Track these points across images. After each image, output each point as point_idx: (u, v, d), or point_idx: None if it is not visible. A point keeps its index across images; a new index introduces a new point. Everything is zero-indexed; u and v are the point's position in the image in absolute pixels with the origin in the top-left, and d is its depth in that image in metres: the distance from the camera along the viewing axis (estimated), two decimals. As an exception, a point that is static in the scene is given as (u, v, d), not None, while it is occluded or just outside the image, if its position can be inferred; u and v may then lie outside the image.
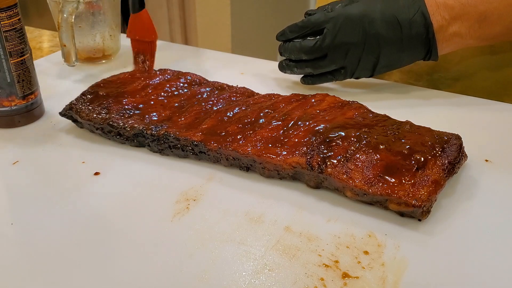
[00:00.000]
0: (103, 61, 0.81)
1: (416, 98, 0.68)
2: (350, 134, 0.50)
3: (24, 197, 0.50)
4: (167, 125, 0.56)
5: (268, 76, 0.75)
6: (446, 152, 0.48)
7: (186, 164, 0.55)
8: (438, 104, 0.66)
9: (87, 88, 0.63)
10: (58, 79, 0.76)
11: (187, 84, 0.65)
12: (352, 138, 0.50)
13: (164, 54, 0.85)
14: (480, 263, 0.41)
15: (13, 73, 0.59)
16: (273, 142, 0.51)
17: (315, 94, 0.59)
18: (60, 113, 0.61)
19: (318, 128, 0.52)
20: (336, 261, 0.41)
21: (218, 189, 0.51)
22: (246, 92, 0.63)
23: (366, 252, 0.42)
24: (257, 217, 0.47)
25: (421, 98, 0.68)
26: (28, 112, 0.62)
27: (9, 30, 0.57)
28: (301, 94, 0.60)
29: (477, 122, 0.61)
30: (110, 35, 0.80)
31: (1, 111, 0.61)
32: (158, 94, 0.62)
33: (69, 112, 0.60)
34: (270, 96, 0.61)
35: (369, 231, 0.45)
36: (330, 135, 0.50)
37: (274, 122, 0.54)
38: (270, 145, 0.51)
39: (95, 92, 0.62)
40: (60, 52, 0.77)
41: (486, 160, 0.54)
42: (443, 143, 0.49)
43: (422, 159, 0.47)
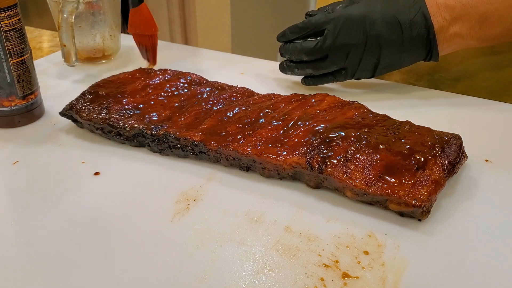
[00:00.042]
0: (103, 61, 0.81)
1: (416, 98, 0.68)
2: (350, 134, 0.50)
3: (24, 197, 0.50)
4: (167, 125, 0.56)
5: (268, 76, 0.75)
6: (446, 152, 0.48)
7: (186, 164, 0.55)
8: (438, 104, 0.66)
9: (87, 88, 0.63)
10: (58, 79, 0.76)
11: (187, 84, 0.65)
12: (352, 138, 0.50)
13: (164, 54, 0.85)
14: (480, 263, 0.41)
15: (13, 73, 0.59)
16: (273, 142, 0.51)
17: (315, 94, 0.59)
18: (60, 113, 0.61)
19: (318, 128, 0.52)
20: (336, 261, 0.41)
21: (218, 189, 0.51)
22: (246, 92, 0.63)
23: (366, 252, 0.42)
24: (257, 217, 0.47)
25: (421, 98, 0.68)
26: (28, 112, 0.62)
27: (9, 30, 0.57)
28: (301, 94, 0.60)
29: (477, 122, 0.61)
30: (110, 35, 0.80)
31: (1, 111, 0.61)
32: (158, 94, 0.62)
33: (69, 112, 0.60)
34: (270, 96, 0.61)
35: (369, 231, 0.45)
36: (330, 135, 0.50)
37: (274, 122, 0.54)
38: (270, 145, 0.51)
39: (95, 92, 0.62)
40: (60, 52, 0.77)
41: (486, 160, 0.54)
42: (443, 143, 0.49)
43: (422, 159, 0.47)
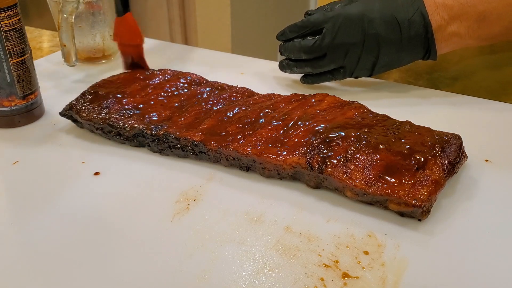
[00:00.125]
0: (103, 61, 0.81)
1: (416, 98, 0.68)
2: (350, 134, 0.50)
3: (24, 197, 0.50)
4: (167, 125, 0.56)
5: (268, 76, 0.75)
6: (446, 152, 0.48)
7: (186, 164, 0.55)
8: (438, 104, 0.66)
9: (87, 88, 0.63)
10: (58, 79, 0.76)
11: (187, 84, 0.65)
12: (352, 138, 0.50)
13: (164, 54, 0.85)
14: (480, 263, 0.41)
15: (13, 73, 0.59)
16: (273, 142, 0.51)
17: (315, 94, 0.59)
18: (60, 113, 0.61)
19: (318, 128, 0.52)
20: (336, 261, 0.41)
21: (218, 189, 0.51)
22: (246, 92, 0.63)
23: (366, 252, 0.42)
24: (257, 217, 0.47)
25: (421, 98, 0.68)
26: (28, 112, 0.62)
27: (9, 30, 0.57)
28: (301, 94, 0.60)
29: (477, 122, 0.61)
30: (110, 35, 0.80)
31: (1, 111, 0.61)
32: (158, 94, 0.62)
33: (69, 112, 0.60)
34: (270, 96, 0.61)
35: (369, 231, 0.45)
36: (330, 135, 0.50)
37: (274, 122, 0.54)
38: (270, 145, 0.51)
39: (95, 92, 0.62)
40: (60, 52, 0.77)
41: (486, 160, 0.54)
42: (443, 143, 0.49)
43: (422, 159, 0.47)
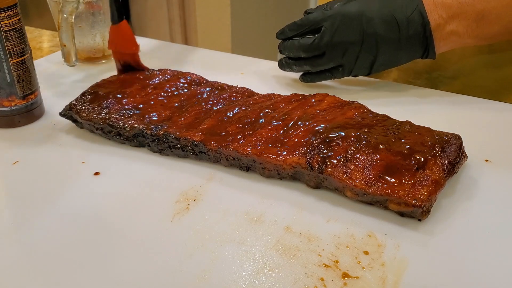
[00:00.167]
0: (103, 61, 0.81)
1: (416, 98, 0.68)
2: (350, 134, 0.50)
3: (24, 197, 0.50)
4: (167, 125, 0.56)
5: (268, 76, 0.75)
6: (446, 152, 0.48)
7: (186, 164, 0.55)
8: (438, 104, 0.66)
9: (87, 88, 0.63)
10: (58, 79, 0.76)
11: (187, 84, 0.65)
12: (352, 138, 0.50)
13: (164, 54, 0.85)
14: (480, 263, 0.41)
15: (13, 73, 0.59)
16: (273, 142, 0.51)
17: (315, 94, 0.59)
18: (60, 114, 0.61)
19: (318, 128, 0.52)
20: (336, 261, 0.41)
21: (218, 189, 0.51)
22: (246, 92, 0.63)
23: (366, 252, 0.42)
24: (257, 217, 0.47)
25: (421, 98, 0.68)
26: (28, 112, 0.62)
27: (9, 30, 0.57)
28: (301, 94, 0.60)
29: (477, 122, 0.61)
30: (110, 35, 0.80)
31: (1, 111, 0.61)
32: (158, 94, 0.62)
33: (69, 112, 0.60)
34: (270, 96, 0.61)
35: (369, 231, 0.45)
36: (330, 135, 0.50)
37: (274, 122, 0.54)
38: (270, 145, 0.51)
39: (95, 92, 0.62)
40: (60, 52, 0.77)
41: (486, 160, 0.54)
42: (443, 143, 0.49)
43: (422, 159, 0.47)
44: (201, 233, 0.45)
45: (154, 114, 0.58)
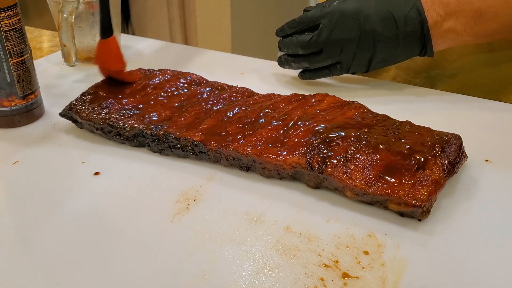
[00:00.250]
0: (103, 61, 0.81)
1: (416, 98, 0.68)
2: (350, 134, 0.50)
3: (24, 197, 0.50)
4: (167, 125, 0.56)
5: (268, 76, 0.75)
6: (446, 152, 0.48)
7: (186, 164, 0.55)
8: (438, 104, 0.66)
9: (87, 89, 0.63)
10: (58, 79, 0.76)
11: (187, 84, 0.65)
12: (352, 138, 0.50)
13: (164, 54, 0.85)
14: (480, 263, 0.41)
15: (13, 73, 0.59)
16: (273, 142, 0.51)
17: (315, 94, 0.59)
18: (60, 114, 0.61)
19: (318, 128, 0.52)
20: (336, 261, 0.41)
21: (218, 189, 0.51)
22: (246, 92, 0.63)
23: (366, 252, 0.42)
24: (257, 217, 0.47)
25: (421, 98, 0.68)
26: (28, 112, 0.62)
27: (9, 30, 0.57)
28: (301, 94, 0.60)
29: (477, 122, 0.61)
30: (110, 35, 0.80)
31: (1, 111, 0.61)
32: (158, 94, 0.62)
33: (69, 113, 0.60)
34: (270, 96, 0.61)
35: (369, 231, 0.45)
36: (330, 135, 0.50)
37: (274, 122, 0.54)
38: (270, 145, 0.51)
39: (95, 93, 0.62)
40: (60, 52, 0.77)
41: (486, 160, 0.54)
42: (443, 143, 0.49)
43: (422, 159, 0.47)
44: (201, 233, 0.45)
45: (154, 114, 0.58)
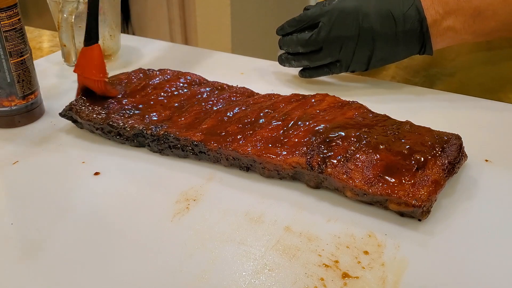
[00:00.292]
0: (103, 61, 0.81)
1: (416, 98, 0.68)
2: (350, 134, 0.50)
3: (24, 197, 0.50)
4: (167, 125, 0.56)
5: (268, 76, 0.75)
6: (446, 152, 0.48)
7: (186, 164, 0.55)
8: (438, 104, 0.66)
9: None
10: (58, 79, 0.76)
11: (187, 84, 0.65)
12: (352, 138, 0.50)
13: (164, 54, 0.85)
14: (480, 263, 0.41)
15: (13, 73, 0.59)
16: (273, 142, 0.51)
17: (315, 94, 0.60)
18: (60, 114, 0.60)
19: (318, 128, 0.52)
20: (336, 261, 0.41)
21: (218, 189, 0.51)
22: (246, 92, 0.63)
23: (366, 252, 0.42)
24: (257, 217, 0.47)
25: (421, 98, 0.68)
26: (28, 112, 0.62)
27: (9, 30, 0.57)
28: (301, 94, 0.60)
29: (477, 122, 0.61)
30: (110, 35, 0.80)
31: (1, 111, 0.61)
32: (158, 94, 0.62)
33: (69, 113, 0.60)
34: (270, 96, 0.61)
35: (369, 231, 0.45)
36: (330, 135, 0.50)
37: (274, 122, 0.54)
38: (270, 145, 0.51)
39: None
40: (60, 52, 0.77)
41: (486, 160, 0.54)
42: (443, 143, 0.49)
43: (422, 159, 0.47)
44: (201, 233, 0.45)
45: (154, 114, 0.58)
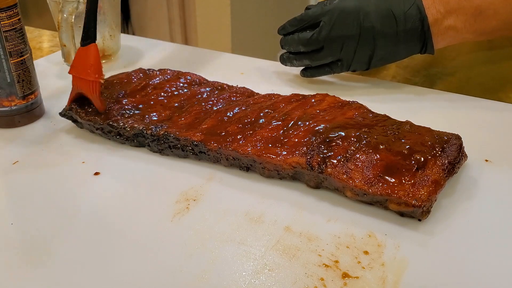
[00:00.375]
0: (103, 61, 0.81)
1: (416, 98, 0.68)
2: (350, 134, 0.50)
3: (24, 197, 0.50)
4: (167, 125, 0.56)
5: (268, 76, 0.75)
6: (446, 152, 0.48)
7: (186, 164, 0.55)
8: (438, 104, 0.66)
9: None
10: (58, 79, 0.76)
11: (187, 84, 0.65)
12: (352, 138, 0.50)
13: (164, 54, 0.85)
14: (480, 263, 0.41)
15: (13, 73, 0.59)
16: (273, 142, 0.51)
17: (315, 94, 0.59)
18: (60, 114, 0.60)
19: (318, 128, 0.52)
20: (336, 261, 0.41)
21: (218, 189, 0.51)
22: (246, 92, 0.63)
23: (366, 252, 0.42)
24: (257, 217, 0.47)
25: (421, 98, 0.68)
26: (28, 112, 0.62)
27: (9, 30, 0.57)
28: (301, 94, 0.60)
29: (477, 122, 0.61)
30: (110, 35, 0.80)
31: (1, 111, 0.61)
32: (158, 94, 0.62)
33: (69, 113, 0.60)
34: (270, 96, 0.61)
35: (369, 231, 0.45)
36: (330, 135, 0.50)
37: (274, 122, 0.54)
38: (270, 145, 0.51)
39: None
40: (60, 52, 0.77)
41: (486, 160, 0.54)
42: (443, 143, 0.49)
43: (422, 159, 0.47)
44: (201, 233, 0.45)
45: (154, 114, 0.58)
